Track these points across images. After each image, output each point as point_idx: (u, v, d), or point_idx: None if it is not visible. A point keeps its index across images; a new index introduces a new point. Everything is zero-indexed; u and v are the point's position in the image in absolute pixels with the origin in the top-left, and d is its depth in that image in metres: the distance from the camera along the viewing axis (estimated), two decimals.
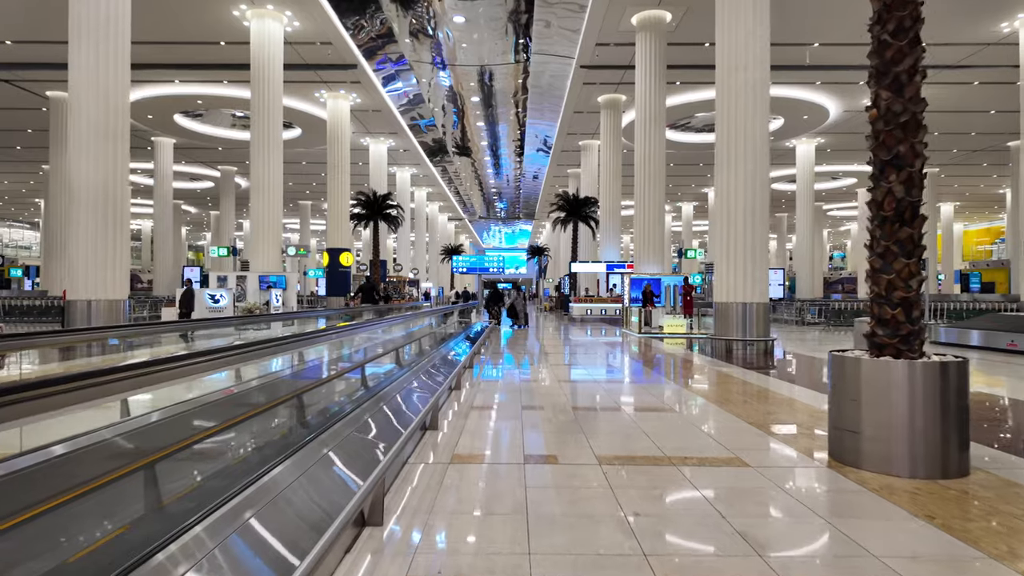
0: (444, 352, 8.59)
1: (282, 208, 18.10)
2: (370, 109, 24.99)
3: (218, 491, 2.13)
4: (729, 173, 11.29)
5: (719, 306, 11.57)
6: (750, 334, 11.13)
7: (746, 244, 11.09)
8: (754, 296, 11.12)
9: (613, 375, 9.13)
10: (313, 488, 2.53)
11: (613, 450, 4.46)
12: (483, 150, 35.49)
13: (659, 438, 4.82)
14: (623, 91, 22.81)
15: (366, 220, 25.05)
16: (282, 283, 16.71)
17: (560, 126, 27.09)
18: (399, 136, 28.68)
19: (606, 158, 23.98)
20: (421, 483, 3.66)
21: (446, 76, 26.82)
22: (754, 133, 11.13)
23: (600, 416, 6.06)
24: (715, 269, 11.63)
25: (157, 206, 28.96)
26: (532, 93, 26.78)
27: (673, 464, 4.07)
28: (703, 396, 7.05)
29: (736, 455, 4.27)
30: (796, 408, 6.13)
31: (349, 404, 4.01)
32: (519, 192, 49.91)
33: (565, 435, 5.00)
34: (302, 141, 28.63)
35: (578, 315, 23.19)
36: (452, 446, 4.57)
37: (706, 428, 5.35)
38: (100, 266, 11.19)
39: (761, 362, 10.16)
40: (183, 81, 22.35)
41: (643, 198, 17.63)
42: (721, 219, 11.40)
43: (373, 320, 9.16)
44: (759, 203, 11.14)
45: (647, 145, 17.53)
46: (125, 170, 11.71)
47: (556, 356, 11.49)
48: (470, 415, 5.93)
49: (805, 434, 4.96)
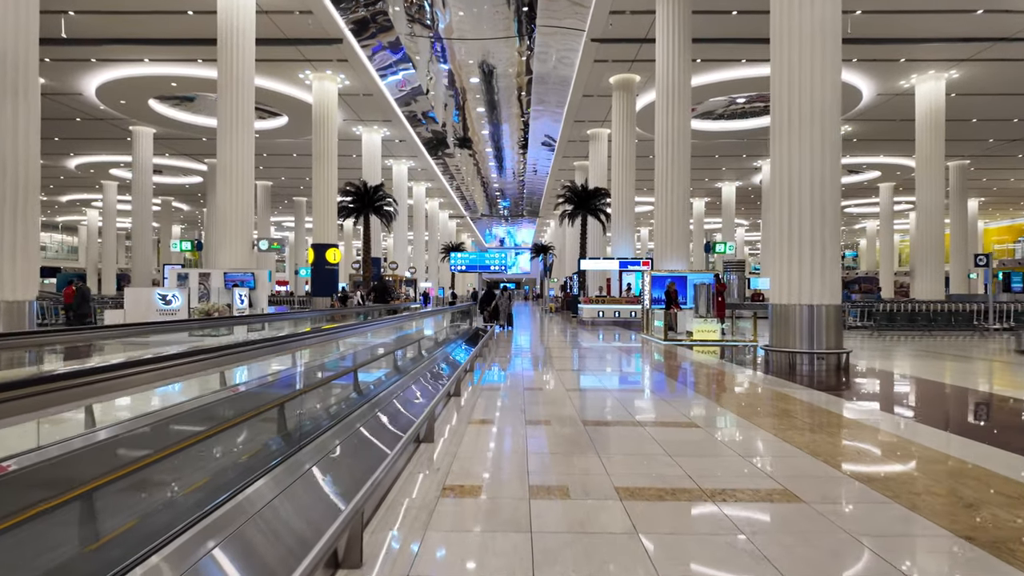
0: (424, 368, 6.13)
1: (253, 197, 15.62)
2: (361, 93, 22.51)
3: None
4: (791, 141, 8.75)
5: (777, 309, 9.03)
6: (818, 344, 8.59)
7: (813, 230, 8.56)
8: (823, 296, 8.58)
9: (658, 410, 6.61)
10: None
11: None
12: (484, 139, 32.95)
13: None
14: (638, 70, 20.29)
15: (356, 214, 22.54)
16: (250, 282, 14.24)
17: (567, 112, 24.55)
18: (394, 125, 26.18)
19: (618, 145, 21.44)
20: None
21: (443, 57, 24.31)
22: (823, 88, 8.59)
23: (661, 511, 3.55)
24: (773, 263, 9.07)
25: (135, 200, 26.50)
26: (537, 76, 24.24)
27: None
28: (797, 446, 4.51)
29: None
30: (949, 468, 3.62)
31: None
32: (523, 189, 47.41)
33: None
34: (289, 130, 26.16)
35: (588, 317, 20.63)
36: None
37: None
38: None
39: (841, 383, 7.65)
40: (153, 60, 19.92)
41: (665, 185, 15.09)
42: (779, 200, 8.86)
43: (330, 331, 6.68)
44: (829, 177, 8.60)
45: (669, 124, 14.99)
46: (34, 138, 9.24)
47: (567, 372, 8.97)
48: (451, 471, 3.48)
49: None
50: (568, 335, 16.51)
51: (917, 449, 4.41)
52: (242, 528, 1.96)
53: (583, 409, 5.95)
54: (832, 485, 3.57)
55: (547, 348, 12.82)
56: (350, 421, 3.53)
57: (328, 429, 3.22)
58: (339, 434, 3.23)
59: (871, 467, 4.01)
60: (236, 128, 15.06)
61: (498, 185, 47.52)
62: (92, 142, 28.84)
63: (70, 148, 29.86)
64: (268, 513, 2.12)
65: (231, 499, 2.05)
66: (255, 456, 2.98)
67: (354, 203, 22.32)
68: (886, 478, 3.71)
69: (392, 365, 6.22)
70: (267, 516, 2.10)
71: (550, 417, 5.61)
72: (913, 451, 4.37)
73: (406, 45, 21.96)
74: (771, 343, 9.22)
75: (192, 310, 12.49)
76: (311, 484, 2.55)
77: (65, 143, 28.89)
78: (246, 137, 15.25)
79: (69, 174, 34.57)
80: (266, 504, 2.15)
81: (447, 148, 34.28)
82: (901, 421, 5.87)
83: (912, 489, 3.42)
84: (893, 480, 3.65)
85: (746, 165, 32.73)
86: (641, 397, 6.88)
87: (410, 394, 5.00)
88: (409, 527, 2.94)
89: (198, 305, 12.74)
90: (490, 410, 5.96)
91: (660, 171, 15.17)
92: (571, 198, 24.07)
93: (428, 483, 3.60)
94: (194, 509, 1.94)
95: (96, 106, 23.60)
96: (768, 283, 18.55)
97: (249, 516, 2.02)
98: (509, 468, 3.99)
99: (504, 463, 4.13)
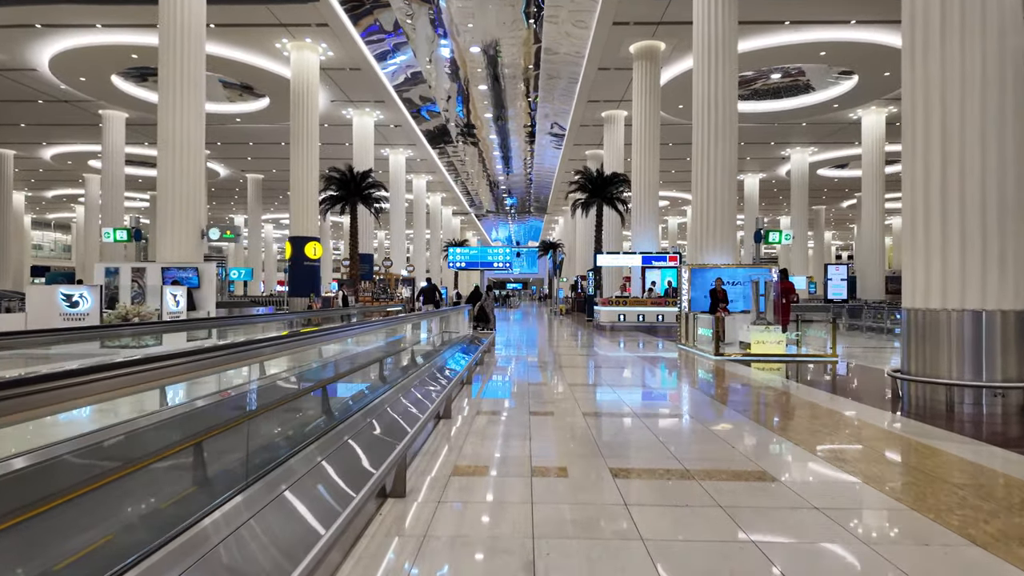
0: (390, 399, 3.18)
1: (204, 175, 12.60)
2: (347, 67, 19.47)
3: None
4: (944, 52, 5.55)
5: (917, 317, 5.81)
6: (992, 371, 5.39)
7: (986, 190, 5.37)
8: (1002, 298, 5.39)
9: (772, 503, 3.43)
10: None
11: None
12: (488, 125, 29.76)
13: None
14: (664, 36, 17.12)
15: (342, 203, 19.46)
16: (192, 279, 11.21)
17: (580, 90, 21.35)
18: (388, 107, 23.09)
19: (640, 125, 18.26)
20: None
21: (443, 34, 21.19)
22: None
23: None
24: (910, 248, 5.84)
25: (104, 191, 23.61)
26: (546, 50, 21.07)
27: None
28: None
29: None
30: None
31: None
32: (529, 184, 44.25)
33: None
34: (271, 113, 23.13)
35: (607, 322, 17.36)
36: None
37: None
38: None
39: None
40: (107, 27, 16.95)
41: (706, 160, 11.90)
42: (922, 155, 5.68)
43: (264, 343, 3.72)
44: (1013, 111, 5.41)
45: (712, 83, 11.79)
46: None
47: (587, 397, 5.82)
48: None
49: None
50: (586, 345, 13.33)
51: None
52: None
53: (630, 498, 2.81)
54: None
55: (559, 363, 9.68)
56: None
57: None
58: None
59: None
60: (181, 89, 12.03)
61: (504, 181, 44.40)
62: (63, 129, 25.98)
63: (41, 136, 27.03)
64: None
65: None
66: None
67: (339, 191, 19.24)
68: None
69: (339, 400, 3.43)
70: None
71: (576, 501, 2.51)
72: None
73: (400, 18, 18.89)
74: (907, 368, 6.02)
75: (106, 314, 9.44)
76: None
77: (35, 131, 26.06)
78: (193, 100, 12.22)
79: (47, 166, 31.81)
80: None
81: (449, 138, 31.19)
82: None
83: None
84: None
85: (773, 154, 29.44)
86: (715, 456, 3.73)
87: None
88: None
89: (115, 309, 9.70)
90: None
91: (699, 142, 11.99)
92: (585, 185, 20.85)
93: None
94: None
95: (56, 85, 20.69)
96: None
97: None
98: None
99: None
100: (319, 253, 17.62)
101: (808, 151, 28.51)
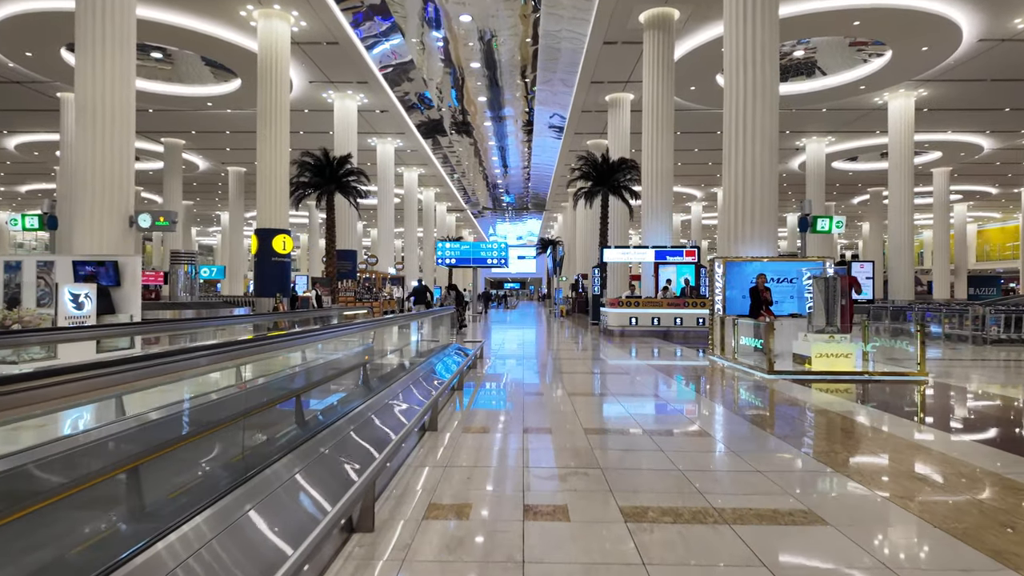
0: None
1: (133, 148, 10.23)
2: (323, 41, 17.12)
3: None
4: None
5: None
6: None
7: None
8: None
9: None
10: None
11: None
12: (482, 109, 27.39)
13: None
14: (677, 2, 14.82)
15: (317, 191, 17.10)
16: (109, 275, 8.88)
17: (582, 68, 19.02)
18: (373, 90, 20.73)
19: (651, 102, 15.94)
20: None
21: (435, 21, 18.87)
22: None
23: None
24: None
25: (60, 184, 21.23)
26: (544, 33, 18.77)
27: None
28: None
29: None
30: None
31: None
32: (528, 180, 41.90)
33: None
34: (244, 97, 20.70)
35: (616, 326, 14.94)
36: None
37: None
38: None
39: None
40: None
41: (740, 128, 9.58)
42: None
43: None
44: None
45: (749, 32, 9.48)
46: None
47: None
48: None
49: None
50: (598, 359, 11.01)
51: None
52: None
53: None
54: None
55: (572, 389, 7.36)
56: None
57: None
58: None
59: None
60: (102, 42, 9.68)
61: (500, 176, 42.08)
62: (22, 115, 23.57)
63: (1, 124, 24.62)
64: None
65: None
66: None
67: (313, 178, 16.87)
68: None
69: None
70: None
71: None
72: None
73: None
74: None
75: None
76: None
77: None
78: (120, 61, 9.86)
79: (13, 158, 29.37)
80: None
81: (442, 129, 28.84)
82: None
83: None
84: None
85: (786, 145, 27.10)
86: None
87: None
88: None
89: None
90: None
91: (732, 107, 9.67)
92: (589, 173, 18.48)
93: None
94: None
95: (3, 63, 18.33)
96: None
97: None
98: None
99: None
100: (289, 247, 15.28)
101: (825, 141, 26.23)
